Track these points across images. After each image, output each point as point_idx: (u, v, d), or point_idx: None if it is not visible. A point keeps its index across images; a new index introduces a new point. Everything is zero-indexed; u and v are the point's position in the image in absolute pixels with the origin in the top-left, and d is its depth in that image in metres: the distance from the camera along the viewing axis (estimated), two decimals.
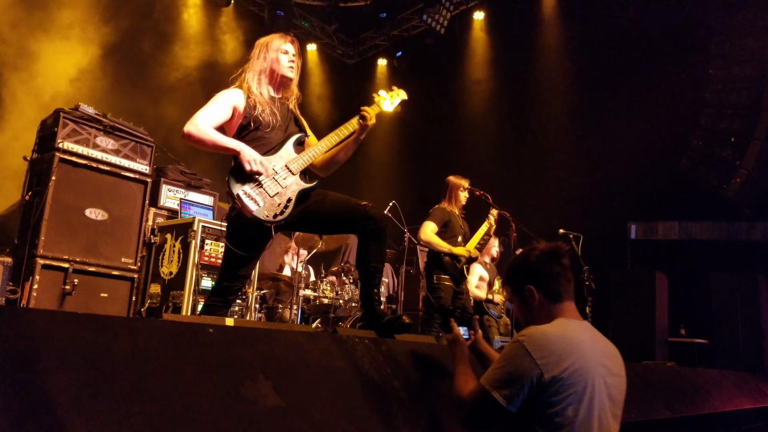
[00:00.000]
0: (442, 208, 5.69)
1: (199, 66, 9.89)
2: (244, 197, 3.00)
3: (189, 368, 1.69)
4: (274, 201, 3.06)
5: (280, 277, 6.47)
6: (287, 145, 3.24)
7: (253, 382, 1.80)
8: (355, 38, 13.03)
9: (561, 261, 2.26)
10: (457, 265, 5.49)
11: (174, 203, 6.31)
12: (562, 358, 2.00)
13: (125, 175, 5.22)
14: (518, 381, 1.99)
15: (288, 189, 3.12)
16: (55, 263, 4.67)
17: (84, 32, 8.05)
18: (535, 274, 2.26)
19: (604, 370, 2.08)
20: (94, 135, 5.06)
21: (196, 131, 3.04)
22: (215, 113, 3.16)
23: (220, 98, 3.22)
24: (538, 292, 2.24)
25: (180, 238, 5.44)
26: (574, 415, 1.98)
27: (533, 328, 2.11)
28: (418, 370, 2.55)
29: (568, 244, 6.16)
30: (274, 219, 3.06)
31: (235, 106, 3.22)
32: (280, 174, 3.13)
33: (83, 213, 4.90)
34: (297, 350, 2.12)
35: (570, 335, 2.10)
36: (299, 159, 3.21)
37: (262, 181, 3.06)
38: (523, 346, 2.04)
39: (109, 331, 1.61)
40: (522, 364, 2.00)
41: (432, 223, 5.53)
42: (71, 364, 1.44)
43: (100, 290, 4.97)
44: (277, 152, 3.19)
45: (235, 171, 3.05)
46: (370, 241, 3.20)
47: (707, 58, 9.43)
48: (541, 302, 2.24)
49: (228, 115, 3.21)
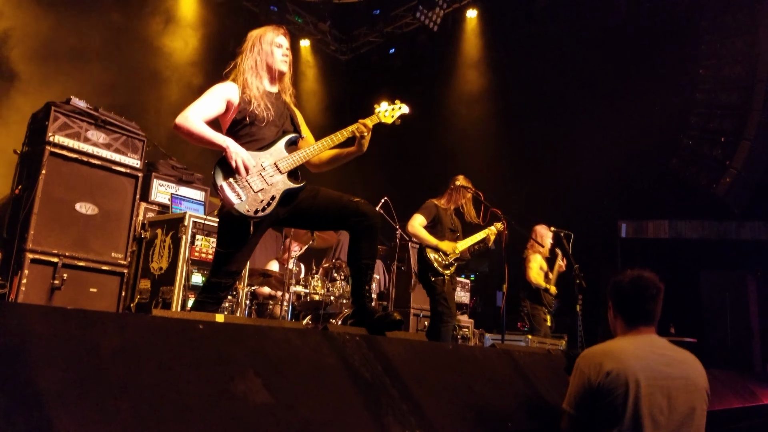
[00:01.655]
0: (435, 203, 5.70)
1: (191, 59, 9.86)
2: (227, 189, 3.00)
3: (178, 364, 1.69)
4: (258, 197, 3.06)
5: (270, 273, 6.46)
6: (279, 143, 3.23)
7: (243, 379, 1.80)
8: (348, 34, 13.00)
9: (645, 294, 2.59)
10: (443, 261, 5.52)
11: (165, 198, 6.28)
12: (603, 366, 2.44)
13: (116, 170, 5.19)
14: (578, 393, 2.51)
15: (273, 187, 3.12)
16: (45, 257, 4.64)
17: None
18: (620, 297, 2.65)
19: (653, 373, 2.43)
20: (85, 128, 5.03)
21: (187, 124, 3.04)
22: (208, 107, 3.15)
23: (214, 92, 3.20)
24: (617, 312, 2.66)
25: (170, 234, 5.41)
26: (622, 412, 2.38)
27: (588, 349, 2.60)
28: (408, 367, 2.55)
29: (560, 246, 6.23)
30: (255, 214, 3.06)
31: (230, 100, 3.20)
32: (267, 171, 3.12)
33: (73, 207, 4.87)
34: (287, 347, 2.12)
35: (613, 347, 2.55)
36: (289, 158, 3.20)
37: (249, 176, 3.06)
38: (578, 364, 2.56)
39: (98, 326, 1.60)
40: (577, 379, 2.53)
41: (421, 216, 5.55)
42: (60, 359, 1.43)
43: (90, 285, 4.94)
44: (268, 149, 3.18)
45: (222, 163, 3.05)
46: (362, 237, 3.20)
47: (698, 58, 9.47)
48: (618, 321, 2.67)
49: (221, 109, 3.20)
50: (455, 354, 3.02)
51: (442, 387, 2.61)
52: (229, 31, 10.94)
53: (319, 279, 6.28)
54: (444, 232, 5.63)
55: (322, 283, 6.28)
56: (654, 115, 9.56)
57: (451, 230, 5.68)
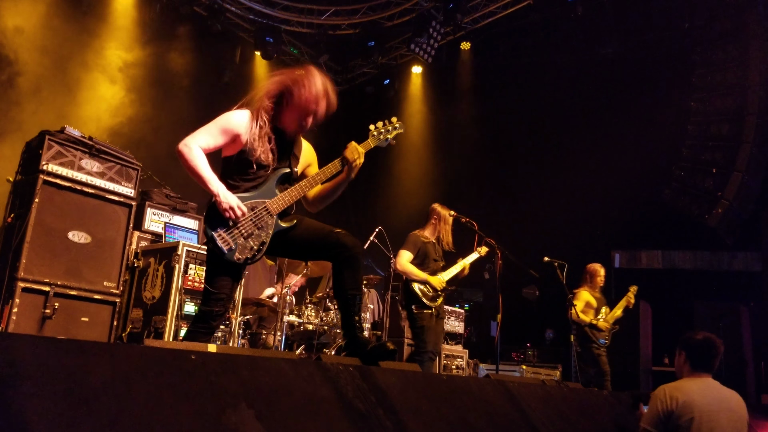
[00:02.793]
0: (417, 235, 5.73)
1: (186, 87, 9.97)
2: (218, 240, 3.00)
3: (170, 395, 1.67)
4: (248, 243, 3.05)
5: (264, 302, 6.42)
6: (270, 182, 3.17)
7: (235, 411, 1.78)
8: (343, 65, 13.14)
9: (712, 351, 3.67)
10: (429, 293, 5.53)
11: (158, 227, 6.27)
12: (677, 398, 3.51)
13: (110, 198, 5.18)
14: (657, 416, 3.55)
15: (263, 231, 3.10)
16: (36, 286, 4.60)
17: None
18: (692, 350, 3.72)
19: (710, 407, 3.47)
20: (79, 157, 5.04)
21: (189, 155, 2.98)
22: (214, 138, 3.07)
23: (226, 124, 3.09)
24: (687, 360, 3.72)
25: (164, 262, 5.39)
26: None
27: (664, 385, 3.64)
28: (402, 399, 2.53)
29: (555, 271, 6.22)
30: (245, 262, 3.06)
31: (239, 135, 3.09)
32: (257, 215, 3.09)
33: (66, 236, 4.85)
34: (280, 378, 2.09)
35: (683, 386, 3.60)
36: (279, 200, 3.14)
37: (240, 222, 3.04)
38: (657, 395, 3.61)
39: (89, 356, 1.58)
40: (657, 406, 3.57)
41: (407, 252, 5.59)
42: (50, 390, 1.41)
43: (81, 314, 4.89)
44: (259, 189, 3.14)
45: (212, 210, 3.03)
46: (344, 268, 3.15)
47: (690, 90, 9.61)
48: (686, 366, 3.72)
49: (227, 142, 3.11)
50: (449, 385, 2.99)
51: (436, 418, 2.58)
52: (226, 62, 11.07)
53: (313, 308, 6.25)
54: (430, 264, 5.65)
55: (316, 313, 6.24)
56: (646, 146, 9.66)
57: (434, 260, 5.70)
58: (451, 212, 5.81)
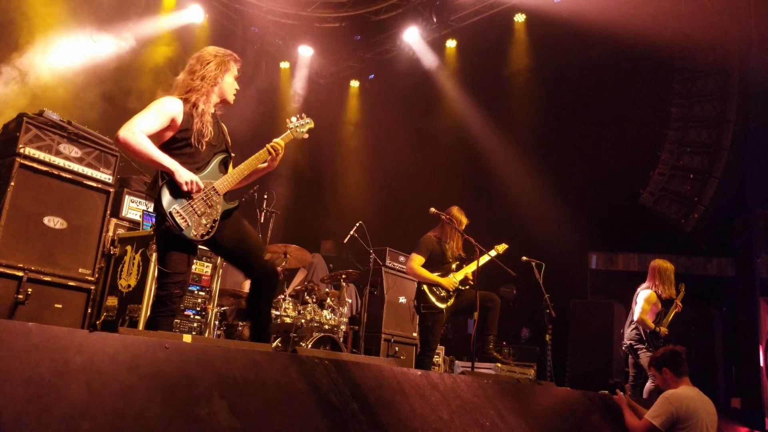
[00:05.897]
0: (430, 237, 5.71)
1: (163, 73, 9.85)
2: (176, 215, 3.04)
3: (142, 385, 1.66)
4: (202, 221, 3.12)
5: (241, 294, 6.39)
6: (213, 164, 3.29)
7: (208, 401, 1.77)
8: (328, 59, 13.08)
9: (680, 355, 4.51)
10: (440, 294, 5.51)
11: (136, 214, 6.20)
12: (682, 403, 4.23)
13: (87, 184, 5.11)
14: (669, 416, 4.20)
15: (214, 209, 3.19)
16: (9, 271, 4.53)
17: None
18: (667, 362, 4.52)
19: (705, 412, 4.24)
20: (57, 141, 4.96)
21: (134, 141, 2.98)
22: (154, 122, 3.10)
23: (162, 108, 3.14)
24: (668, 371, 4.50)
25: (140, 251, 5.33)
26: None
27: (669, 390, 4.39)
28: (376, 393, 2.54)
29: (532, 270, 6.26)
30: (201, 239, 3.13)
31: (175, 118, 3.16)
32: (207, 194, 3.18)
33: (41, 221, 4.78)
34: (255, 370, 2.09)
35: (683, 392, 4.33)
36: (225, 181, 3.27)
37: (193, 200, 3.09)
38: (667, 399, 4.30)
39: (61, 344, 1.56)
40: (669, 407, 4.24)
41: (419, 256, 5.57)
42: (19, 377, 1.40)
43: (55, 301, 4.83)
44: (204, 171, 3.22)
45: (166, 188, 3.05)
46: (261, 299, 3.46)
47: (670, 95, 9.71)
48: (669, 376, 4.49)
49: (165, 126, 3.15)
50: (424, 380, 3.01)
51: (410, 414, 2.59)
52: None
53: (291, 301, 6.23)
54: (444, 264, 5.62)
55: (294, 306, 6.23)
56: (625, 149, 9.75)
57: (449, 261, 5.66)
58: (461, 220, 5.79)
